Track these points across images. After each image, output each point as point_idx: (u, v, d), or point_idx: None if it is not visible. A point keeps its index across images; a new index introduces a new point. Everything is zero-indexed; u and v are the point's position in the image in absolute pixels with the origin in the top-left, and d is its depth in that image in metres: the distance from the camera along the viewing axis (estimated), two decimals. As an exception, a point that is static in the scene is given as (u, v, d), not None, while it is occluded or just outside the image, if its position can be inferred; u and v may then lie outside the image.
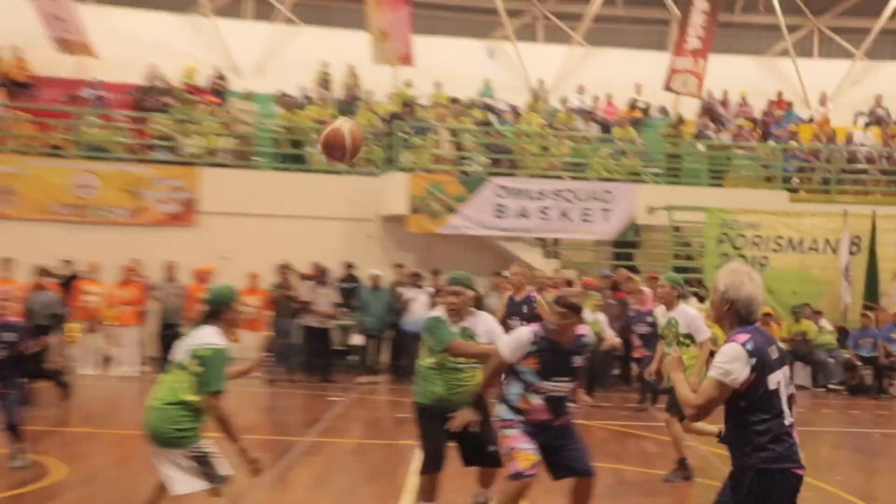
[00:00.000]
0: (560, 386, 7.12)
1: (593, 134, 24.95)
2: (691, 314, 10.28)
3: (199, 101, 23.67)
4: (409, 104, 23.74)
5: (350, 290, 19.20)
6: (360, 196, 21.21)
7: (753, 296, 5.23)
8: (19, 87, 24.31)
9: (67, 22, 25.26)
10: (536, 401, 7.09)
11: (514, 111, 25.82)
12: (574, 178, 21.98)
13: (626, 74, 27.92)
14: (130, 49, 25.90)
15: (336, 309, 18.61)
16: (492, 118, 24.95)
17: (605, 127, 25.52)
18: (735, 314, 5.25)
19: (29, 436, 10.04)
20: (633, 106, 27.30)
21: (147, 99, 23.80)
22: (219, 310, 6.76)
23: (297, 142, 22.52)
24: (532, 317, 12.57)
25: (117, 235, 19.72)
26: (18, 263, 17.47)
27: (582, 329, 7.24)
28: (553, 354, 7.06)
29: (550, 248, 21.54)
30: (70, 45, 25.57)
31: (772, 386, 5.11)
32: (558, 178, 21.93)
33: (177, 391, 6.57)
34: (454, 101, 24.63)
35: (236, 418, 6.63)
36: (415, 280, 18.86)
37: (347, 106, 24.64)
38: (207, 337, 6.62)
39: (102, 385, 17.23)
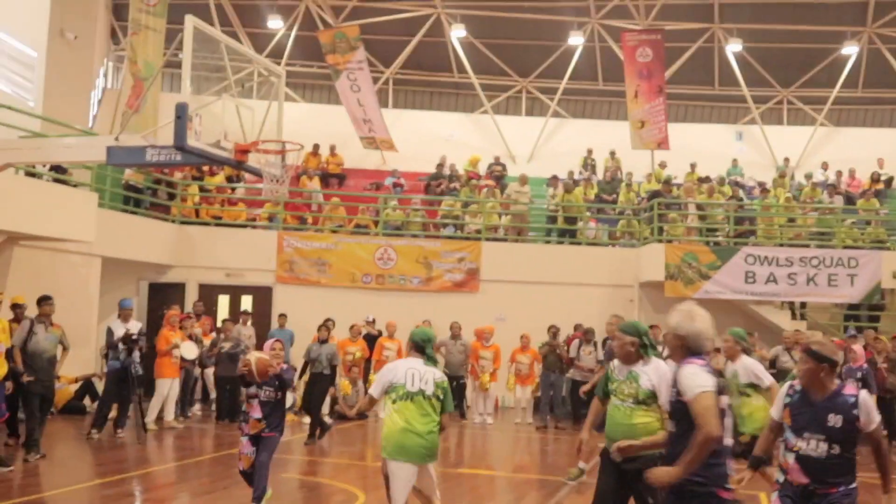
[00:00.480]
0: (813, 445, 5.72)
1: (837, 205, 23.60)
2: (750, 364, 9.73)
3: (480, 185, 24.09)
4: (666, 182, 23.29)
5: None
6: (621, 265, 20.91)
7: (701, 331, 5.24)
8: (334, 177, 25.56)
9: (373, 123, 26.48)
10: (790, 460, 5.80)
11: (762, 187, 24.84)
12: (820, 246, 20.79)
13: (867, 151, 26.47)
14: (423, 143, 26.88)
15: (599, 364, 18.23)
16: (741, 193, 24.10)
17: (849, 199, 24.09)
18: (685, 348, 5.23)
19: (335, 467, 10.28)
20: (875, 179, 25.65)
21: (437, 184, 24.45)
22: (423, 346, 7.31)
23: (573, 218, 22.40)
24: None
25: (412, 300, 20.17)
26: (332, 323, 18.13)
27: (848, 387, 5.87)
28: (804, 408, 5.82)
29: (798, 310, 20.39)
30: (375, 142, 26.77)
31: (722, 406, 5.11)
32: (805, 246, 20.81)
33: (434, 415, 7.10)
34: (706, 179, 23.98)
35: (512, 459, 6.52)
36: (672, 339, 18.22)
37: (610, 185, 24.43)
38: (439, 372, 7.25)
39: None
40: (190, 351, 16.01)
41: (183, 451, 13.57)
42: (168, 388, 15.31)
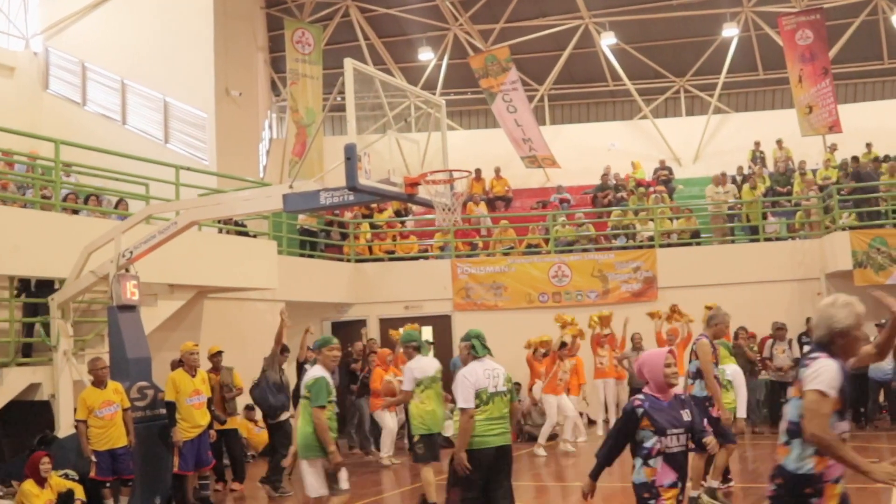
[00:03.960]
0: None
1: None
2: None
3: (649, 191, 23.69)
4: (843, 167, 22.32)
5: (808, 343, 18.12)
6: (804, 257, 20.12)
7: None
8: (500, 199, 25.65)
9: (533, 142, 26.50)
10: None
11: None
12: None
13: None
14: (586, 156, 26.69)
15: (794, 363, 17.55)
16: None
17: None
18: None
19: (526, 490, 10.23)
20: None
21: (604, 196, 24.18)
22: None
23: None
24: None
25: (590, 315, 19.89)
26: (512, 346, 18.13)
27: None
28: None
29: None
30: (537, 160, 26.77)
31: None
32: None
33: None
34: (885, 158, 22.82)
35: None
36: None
37: (784, 177, 23.60)
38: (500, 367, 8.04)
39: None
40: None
41: (378, 483, 13.73)
42: (388, 420, 15.54)
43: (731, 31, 27.52)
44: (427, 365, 10.72)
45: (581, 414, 19.37)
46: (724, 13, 27.47)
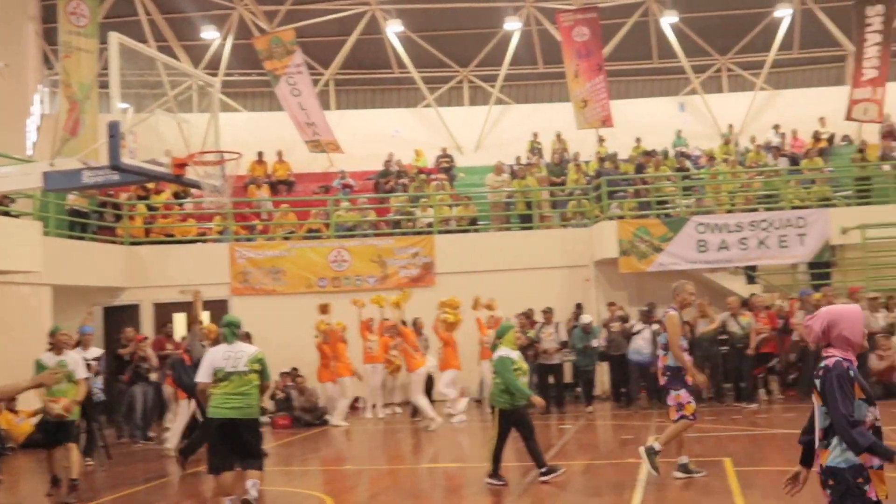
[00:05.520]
0: None
1: (783, 167, 23.94)
2: (75, 357, 11.19)
3: (429, 179, 24.13)
4: (612, 160, 23.47)
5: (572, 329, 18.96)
6: (575, 245, 21.03)
7: None
8: (282, 183, 25.49)
9: (317, 126, 26.42)
10: None
11: (708, 156, 25.16)
12: (768, 209, 21.02)
13: (808, 111, 26.84)
14: (369, 142, 26.89)
15: (560, 347, 18.31)
16: (688, 164, 24.36)
17: (794, 160, 24.47)
18: None
19: (303, 474, 10.27)
20: (817, 138, 26.09)
21: (385, 182, 24.46)
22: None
23: (528, 203, 22.43)
24: None
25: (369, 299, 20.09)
26: (290, 331, 18.09)
27: None
28: None
29: (752, 274, 20.59)
30: (320, 145, 26.72)
31: None
32: (754, 210, 21.01)
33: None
34: (651, 152, 24.21)
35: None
36: (645, 317, 18.19)
37: (558, 167, 24.58)
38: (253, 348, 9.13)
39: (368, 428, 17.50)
40: None
41: (149, 472, 13.42)
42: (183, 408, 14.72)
43: (513, 25, 28.35)
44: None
45: (358, 398, 19.65)
46: (507, 6, 28.27)
